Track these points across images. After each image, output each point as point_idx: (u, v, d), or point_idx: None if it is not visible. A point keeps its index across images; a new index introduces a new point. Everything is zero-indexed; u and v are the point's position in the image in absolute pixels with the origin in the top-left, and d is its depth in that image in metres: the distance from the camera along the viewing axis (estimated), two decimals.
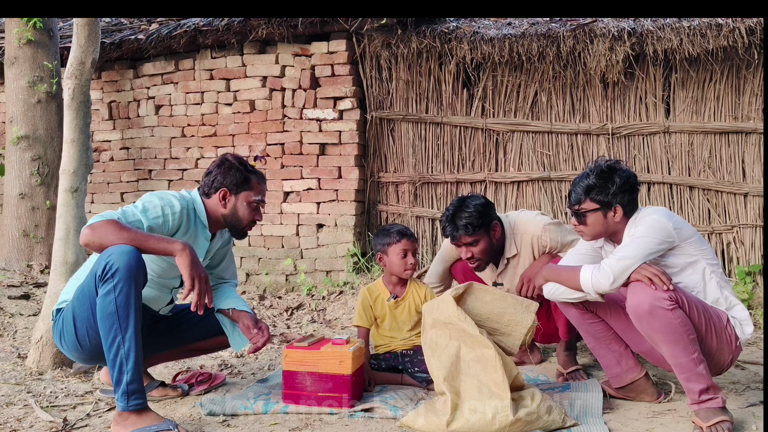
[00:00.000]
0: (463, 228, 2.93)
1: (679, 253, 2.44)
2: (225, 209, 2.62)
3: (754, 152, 4.71)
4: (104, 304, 2.19)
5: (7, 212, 5.43)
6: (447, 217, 2.99)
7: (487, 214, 2.98)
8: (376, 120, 5.31)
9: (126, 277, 2.18)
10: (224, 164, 2.63)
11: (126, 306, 2.18)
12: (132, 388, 2.18)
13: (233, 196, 2.62)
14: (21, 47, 5.32)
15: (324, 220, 5.30)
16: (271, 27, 5.14)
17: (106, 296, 2.18)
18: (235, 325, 2.74)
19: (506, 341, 2.52)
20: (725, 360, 2.44)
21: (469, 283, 2.56)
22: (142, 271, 2.26)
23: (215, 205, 2.62)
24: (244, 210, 2.63)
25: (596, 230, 2.54)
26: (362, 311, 2.99)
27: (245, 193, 2.62)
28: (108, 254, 2.22)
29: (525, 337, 2.51)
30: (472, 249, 2.98)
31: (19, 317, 4.24)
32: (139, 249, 2.26)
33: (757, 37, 4.48)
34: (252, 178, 2.65)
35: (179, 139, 5.71)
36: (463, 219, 2.93)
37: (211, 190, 2.62)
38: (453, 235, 2.98)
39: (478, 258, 3.01)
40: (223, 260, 2.86)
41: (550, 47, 4.83)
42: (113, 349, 2.18)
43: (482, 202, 3.00)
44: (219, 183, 2.61)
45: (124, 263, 2.18)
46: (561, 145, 5.06)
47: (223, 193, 2.61)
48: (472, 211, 2.93)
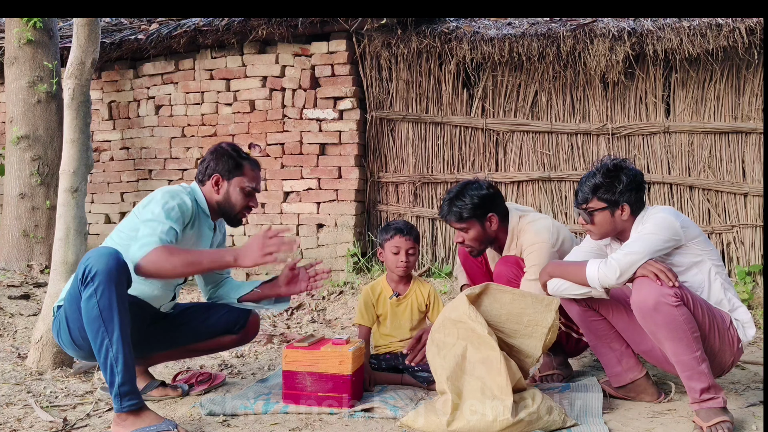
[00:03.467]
0: (454, 214, 2.94)
1: (685, 252, 2.44)
2: (218, 195, 2.64)
3: (754, 152, 4.71)
4: (88, 309, 2.19)
5: (7, 212, 5.43)
6: (446, 199, 3.01)
7: (483, 205, 2.94)
8: (376, 120, 5.31)
9: (106, 279, 2.17)
10: (217, 151, 2.66)
11: (109, 309, 2.17)
12: (124, 390, 2.18)
13: (226, 181, 2.64)
14: (21, 47, 5.32)
15: (324, 220, 5.30)
16: (271, 27, 5.15)
17: (89, 300, 2.18)
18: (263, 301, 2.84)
19: (528, 343, 2.47)
20: (727, 361, 2.44)
21: (486, 284, 2.53)
22: (124, 272, 2.24)
23: (209, 192, 2.65)
24: (237, 195, 2.64)
25: (604, 229, 2.55)
26: (364, 309, 2.99)
27: (238, 178, 2.64)
28: (87, 258, 2.22)
29: (547, 338, 2.46)
30: (462, 234, 3.00)
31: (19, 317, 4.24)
32: (197, 271, 2.48)
33: (757, 37, 4.47)
34: (245, 164, 2.66)
35: (179, 139, 5.71)
36: (457, 206, 2.94)
37: (205, 177, 2.65)
38: (445, 218, 3.01)
39: (469, 244, 3.01)
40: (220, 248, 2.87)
41: (550, 47, 4.83)
42: (102, 352, 2.18)
43: (483, 192, 2.96)
44: (212, 169, 2.63)
45: (102, 266, 2.18)
46: (561, 145, 5.05)
47: (216, 178, 2.63)
48: (467, 200, 2.93)
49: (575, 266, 2.51)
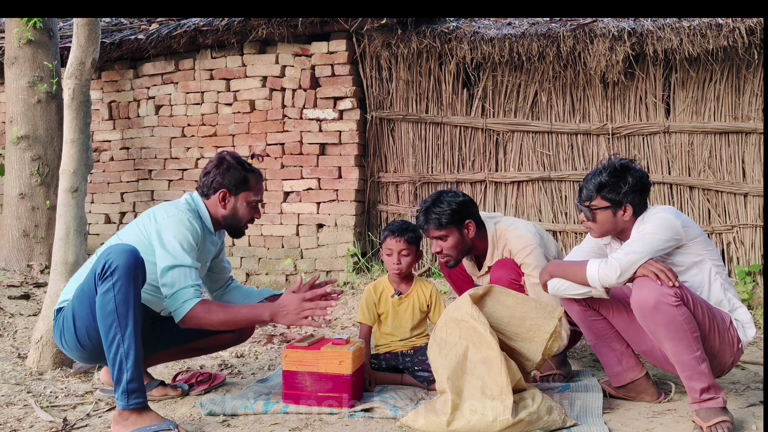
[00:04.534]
0: (433, 221, 2.92)
1: (686, 252, 2.44)
2: (225, 210, 2.62)
3: (754, 152, 4.71)
4: (103, 303, 2.18)
5: (7, 212, 5.43)
6: (421, 209, 2.99)
7: (461, 212, 2.94)
8: (376, 120, 5.31)
9: (125, 275, 2.18)
10: (223, 164, 2.62)
11: (125, 304, 2.18)
12: (132, 387, 2.18)
13: (233, 197, 2.62)
14: (21, 47, 5.32)
15: (324, 220, 5.30)
16: (271, 27, 5.14)
17: (105, 294, 2.18)
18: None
19: (528, 347, 2.48)
20: (727, 361, 2.44)
21: (490, 286, 2.53)
22: (142, 270, 2.25)
23: (215, 206, 2.63)
24: (244, 210, 2.64)
25: (605, 228, 2.55)
26: (365, 308, 2.99)
27: (245, 193, 2.63)
28: (107, 253, 2.22)
29: (548, 343, 2.47)
30: (441, 243, 2.97)
31: (19, 317, 4.23)
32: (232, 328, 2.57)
33: (757, 37, 4.48)
34: (251, 177, 2.65)
35: (179, 139, 5.71)
36: (435, 213, 2.92)
37: (210, 191, 2.62)
38: (423, 228, 2.98)
39: (446, 254, 2.98)
40: (219, 254, 2.87)
41: (550, 47, 4.83)
42: (113, 348, 2.17)
43: (459, 200, 2.96)
44: (218, 184, 2.60)
45: (123, 262, 2.18)
46: (561, 145, 5.05)
47: (222, 194, 2.61)
48: (445, 206, 2.92)
49: (575, 266, 2.51)
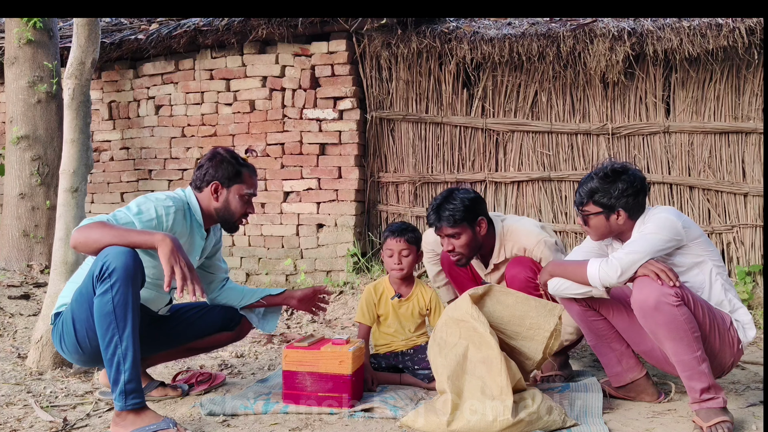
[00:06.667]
0: (446, 219, 2.89)
1: (687, 252, 2.44)
2: (217, 202, 2.63)
3: (754, 152, 4.71)
4: (101, 304, 2.18)
5: (7, 212, 5.43)
6: (432, 207, 2.96)
7: (474, 208, 2.92)
8: (376, 120, 5.31)
9: (123, 276, 2.17)
10: (216, 157, 2.64)
11: (123, 305, 2.18)
12: (130, 388, 2.18)
13: (225, 189, 2.62)
14: (21, 47, 5.32)
15: (324, 220, 5.30)
16: (271, 27, 5.14)
17: (103, 296, 2.18)
18: (262, 311, 2.90)
19: (529, 345, 2.48)
20: (727, 362, 2.44)
21: (489, 286, 2.53)
22: (140, 271, 2.25)
23: (207, 199, 2.63)
24: (236, 203, 2.63)
25: (600, 232, 2.57)
26: (365, 308, 2.99)
27: (237, 186, 2.63)
28: (105, 254, 2.21)
29: (548, 341, 2.47)
30: (453, 241, 2.93)
31: (19, 317, 4.24)
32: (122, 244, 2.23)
33: (757, 37, 4.48)
34: (244, 171, 2.65)
35: (179, 139, 5.71)
36: (448, 210, 2.89)
37: (202, 184, 2.63)
38: (435, 225, 2.95)
39: (459, 252, 2.95)
40: (216, 254, 2.87)
41: (550, 47, 4.83)
42: (110, 349, 2.17)
43: (471, 196, 2.95)
44: (211, 176, 2.61)
45: (121, 263, 2.18)
46: (561, 145, 5.05)
47: (215, 186, 2.61)
48: (458, 203, 2.89)
49: (576, 265, 2.51)
